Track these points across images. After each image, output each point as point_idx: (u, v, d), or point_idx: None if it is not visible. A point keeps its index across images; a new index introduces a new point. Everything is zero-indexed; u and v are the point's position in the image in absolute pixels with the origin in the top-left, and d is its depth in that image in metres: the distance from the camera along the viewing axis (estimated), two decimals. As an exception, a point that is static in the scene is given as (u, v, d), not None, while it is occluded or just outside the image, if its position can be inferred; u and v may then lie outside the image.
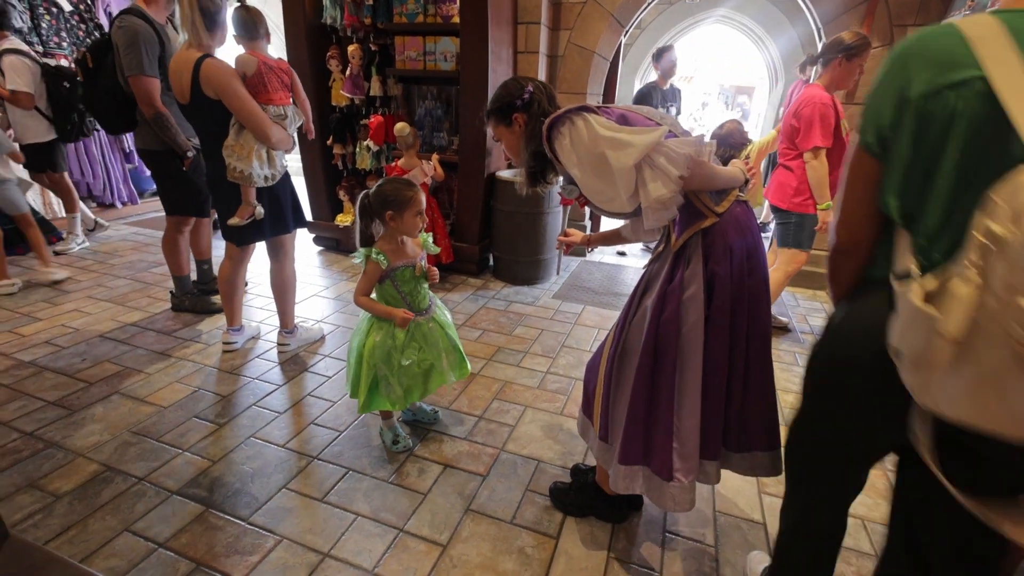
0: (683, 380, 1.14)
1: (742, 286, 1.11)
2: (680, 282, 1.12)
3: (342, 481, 1.58)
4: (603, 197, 1.11)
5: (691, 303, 1.10)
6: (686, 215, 1.13)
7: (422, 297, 1.64)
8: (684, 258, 1.13)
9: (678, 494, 1.16)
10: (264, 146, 1.99)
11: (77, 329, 2.46)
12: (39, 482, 1.51)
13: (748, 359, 1.16)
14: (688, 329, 1.11)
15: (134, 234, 4.06)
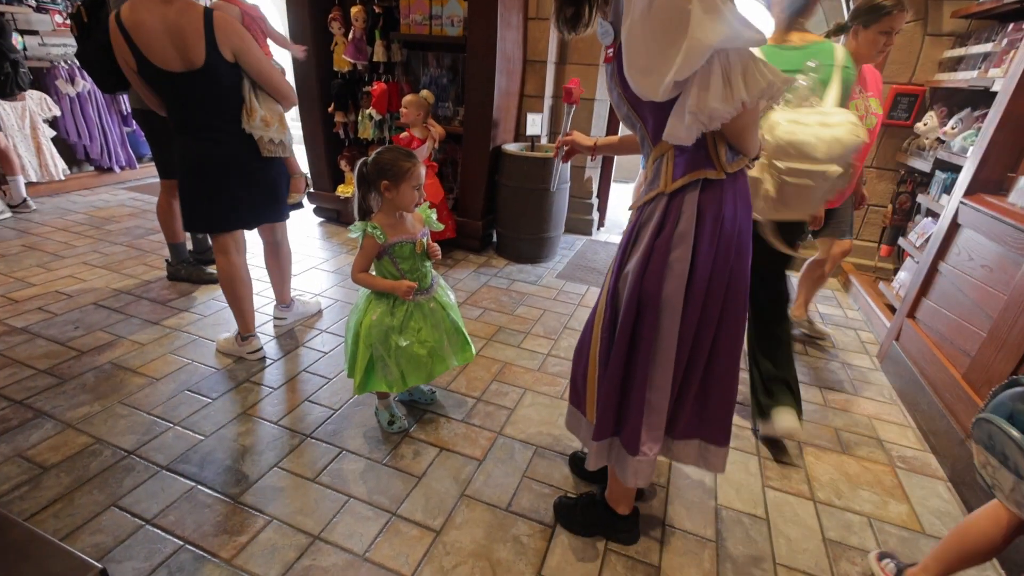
0: (658, 345, 1.04)
1: (724, 265, 0.99)
2: (669, 239, 0.98)
3: (335, 461, 1.55)
4: (644, 63, 0.86)
5: (676, 265, 0.98)
6: (692, 154, 0.95)
7: (423, 275, 1.56)
8: (677, 207, 0.97)
9: (641, 468, 1.12)
10: (286, 108, 1.83)
11: (71, 296, 2.42)
12: (27, 453, 1.49)
13: (715, 347, 1.07)
14: (669, 292, 1.00)
15: (132, 199, 3.98)
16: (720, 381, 1.11)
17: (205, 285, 2.61)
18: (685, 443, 1.19)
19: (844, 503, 1.53)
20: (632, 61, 0.88)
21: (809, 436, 1.82)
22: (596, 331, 1.12)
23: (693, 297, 1.00)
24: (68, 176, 4.02)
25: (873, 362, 2.35)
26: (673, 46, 0.80)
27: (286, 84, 1.79)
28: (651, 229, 1.00)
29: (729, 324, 1.05)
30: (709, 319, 1.03)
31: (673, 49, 0.80)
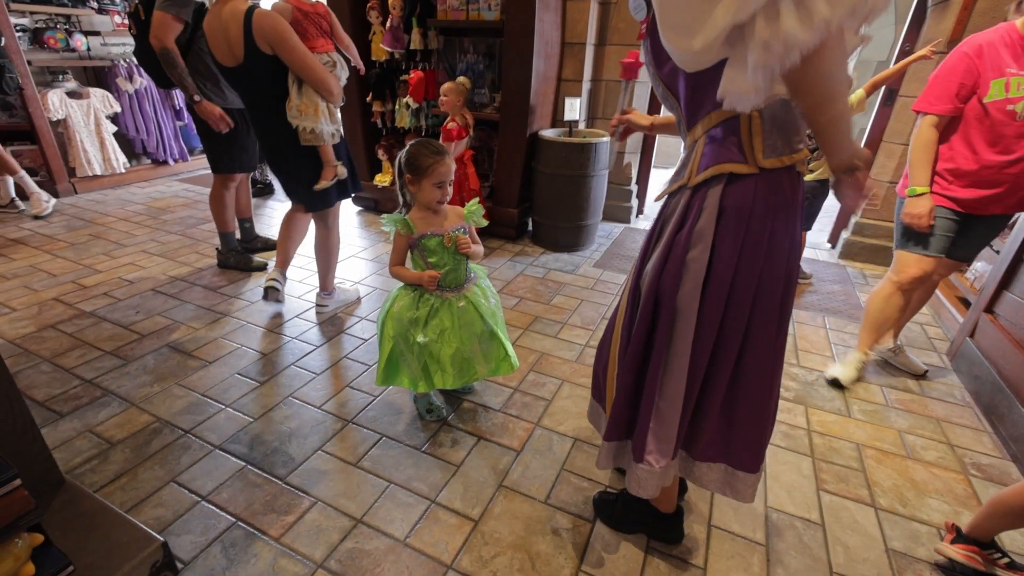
0: (672, 350, 0.96)
1: (751, 270, 0.88)
2: (687, 235, 0.90)
3: (376, 447, 1.58)
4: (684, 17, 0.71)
5: (692, 265, 0.90)
6: (722, 144, 0.86)
7: (453, 270, 1.52)
8: (699, 202, 0.89)
9: (644, 478, 1.04)
10: (326, 101, 1.88)
11: (132, 282, 2.57)
12: (96, 428, 1.60)
13: (742, 361, 0.96)
14: (684, 294, 0.92)
15: (185, 190, 4.18)
16: (748, 399, 0.99)
17: (253, 273, 2.71)
18: (708, 467, 1.08)
19: (910, 511, 1.43)
20: (666, 18, 0.74)
21: (869, 438, 1.71)
22: (617, 328, 1.08)
23: (711, 302, 0.91)
24: (128, 169, 4.26)
25: (943, 360, 2.18)
26: None
27: (328, 79, 1.82)
28: (673, 224, 0.93)
29: (758, 336, 0.94)
30: (732, 328, 0.93)
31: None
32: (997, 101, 1.55)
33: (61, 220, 3.40)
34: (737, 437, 1.03)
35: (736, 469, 1.06)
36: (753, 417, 1.01)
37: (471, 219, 1.57)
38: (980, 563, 1.21)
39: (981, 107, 1.59)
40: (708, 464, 1.08)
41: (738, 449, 1.04)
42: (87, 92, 3.89)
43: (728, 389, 0.99)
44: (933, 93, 1.66)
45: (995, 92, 1.55)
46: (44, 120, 3.63)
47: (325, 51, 1.88)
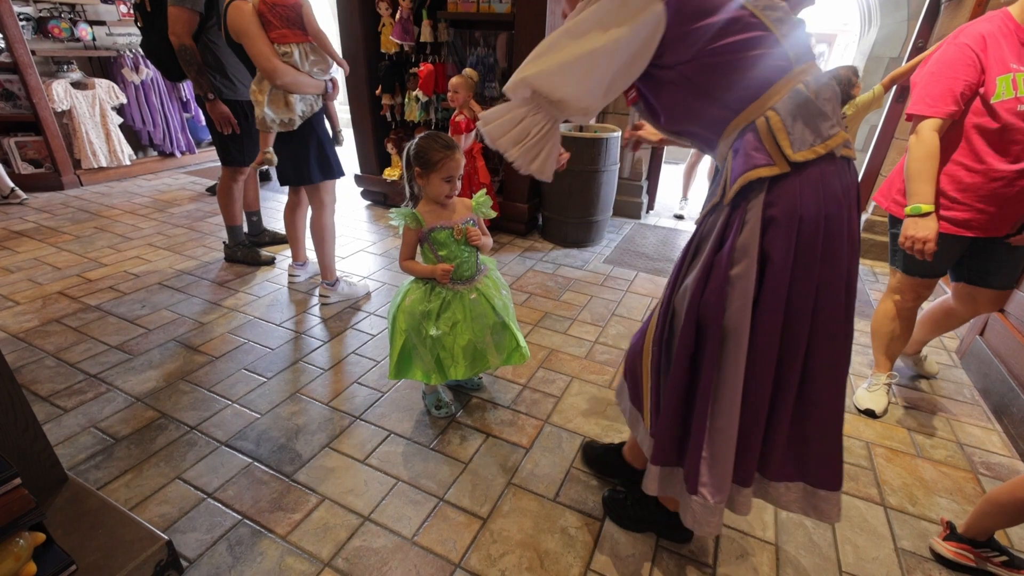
0: (721, 376, 0.90)
1: (808, 277, 0.82)
2: (730, 251, 0.84)
3: (384, 444, 1.55)
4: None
5: (738, 283, 0.84)
6: (744, 151, 0.82)
7: (463, 263, 1.49)
8: (739, 217, 0.84)
9: (700, 513, 0.97)
10: (278, 89, 1.92)
11: (138, 276, 2.55)
12: (101, 424, 1.58)
13: (807, 373, 0.90)
14: (732, 314, 0.85)
15: (192, 183, 4.16)
16: (819, 413, 0.93)
17: (259, 267, 2.69)
18: (786, 487, 1.01)
19: (919, 510, 1.40)
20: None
21: (879, 436, 1.67)
22: (648, 341, 1.04)
23: (766, 319, 0.85)
24: (134, 161, 4.25)
25: (952, 358, 2.14)
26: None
27: (266, 63, 1.87)
28: (711, 243, 0.88)
29: (823, 346, 0.88)
30: (794, 343, 0.87)
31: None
32: (1006, 101, 1.33)
33: (66, 213, 3.39)
34: (812, 453, 0.97)
35: (816, 487, 0.99)
36: (826, 431, 0.94)
37: (479, 211, 1.53)
38: (972, 560, 1.21)
39: (987, 109, 1.36)
40: (785, 484, 1.01)
41: (814, 466, 0.97)
42: (92, 83, 3.87)
43: (796, 404, 0.93)
44: (932, 93, 1.40)
45: (1003, 90, 1.34)
46: (48, 111, 3.61)
47: (286, 42, 1.90)
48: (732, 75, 0.81)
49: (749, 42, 0.79)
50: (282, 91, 1.93)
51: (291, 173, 2.11)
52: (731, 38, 0.79)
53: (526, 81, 0.84)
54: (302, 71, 1.95)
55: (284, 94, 1.94)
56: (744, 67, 0.80)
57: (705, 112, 0.86)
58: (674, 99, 0.88)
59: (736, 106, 0.83)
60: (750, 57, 0.79)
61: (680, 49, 0.81)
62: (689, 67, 0.82)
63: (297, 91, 1.96)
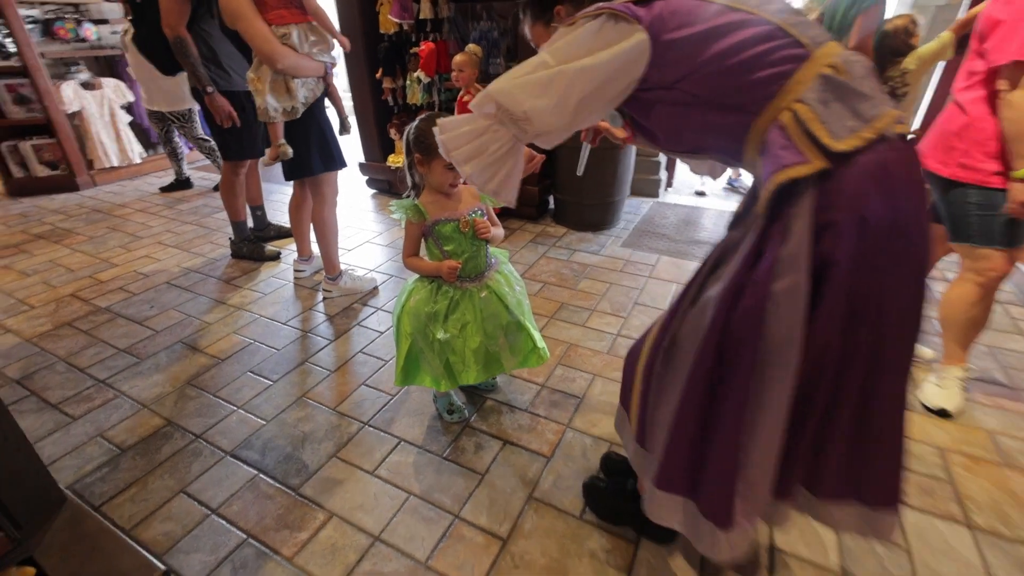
0: (760, 407, 0.78)
1: (876, 283, 0.70)
2: (771, 266, 0.72)
3: (394, 453, 1.48)
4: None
5: (785, 300, 0.71)
6: (772, 154, 0.72)
7: (471, 258, 1.37)
8: (780, 226, 0.72)
9: (735, 540, 0.87)
10: (279, 74, 1.79)
11: (147, 275, 2.52)
12: (108, 433, 1.54)
13: (869, 394, 0.77)
14: (776, 333, 0.73)
15: (200, 179, 4.12)
16: (881, 430, 0.81)
17: (266, 263, 2.63)
18: (838, 507, 0.89)
19: (1015, 533, 1.22)
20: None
21: (955, 441, 1.49)
22: (647, 346, 0.95)
23: (822, 335, 0.72)
24: (144, 159, 4.23)
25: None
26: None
27: (265, 46, 1.74)
28: (742, 256, 0.76)
29: (889, 356, 0.75)
30: (855, 357, 0.74)
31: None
32: None
33: (80, 214, 3.39)
34: (870, 472, 0.84)
35: (873, 508, 0.87)
36: (888, 448, 0.82)
37: (488, 199, 1.40)
38: None
39: None
40: (837, 504, 0.89)
41: (872, 485, 0.86)
42: (99, 83, 3.83)
43: (856, 421, 0.80)
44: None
45: None
46: (60, 113, 3.59)
47: (284, 23, 1.77)
48: (741, 79, 0.74)
49: (750, 40, 0.73)
50: (283, 77, 1.81)
51: (292, 165, 2.01)
52: (728, 41, 0.74)
53: (490, 95, 0.82)
54: (302, 53, 1.83)
55: (285, 80, 1.83)
56: (752, 67, 0.73)
57: (721, 123, 0.79)
58: (678, 118, 0.82)
59: (754, 108, 0.75)
60: (756, 54, 0.72)
61: (675, 68, 0.77)
62: (691, 82, 0.77)
63: (299, 75, 1.84)
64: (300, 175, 2.06)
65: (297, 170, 2.03)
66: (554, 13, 0.99)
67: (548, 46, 0.81)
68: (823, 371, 0.74)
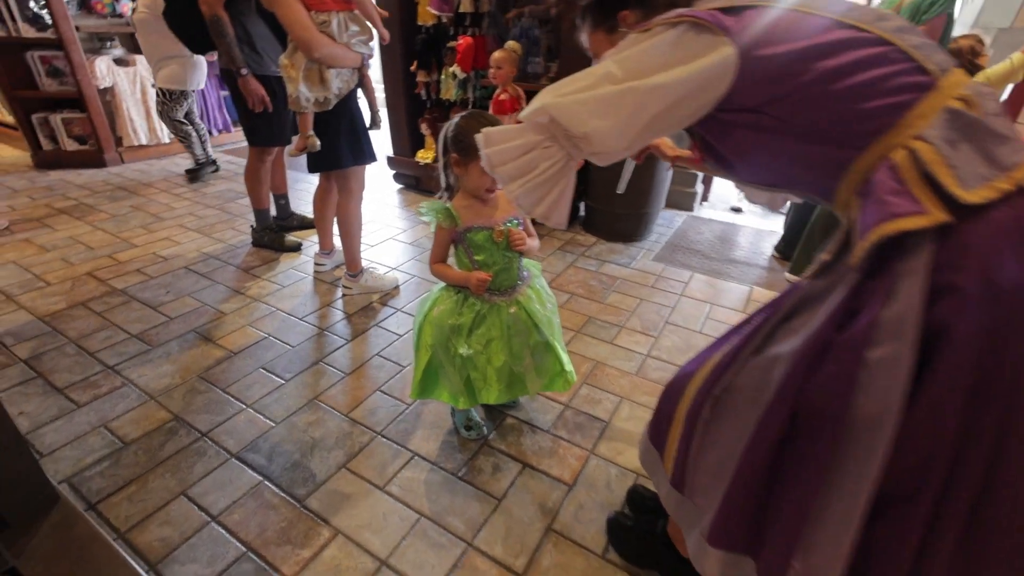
0: (838, 479, 0.66)
1: (1010, 359, 0.57)
2: (868, 329, 0.60)
3: (407, 468, 1.38)
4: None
5: (882, 372, 0.59)
6: (875, 198, 0.61)
7: (503, 270, 1.28)
8: (883, 284, 0.61)
9: None
10: (313, 62, 1.71)
11: (166, 259, 2.47)
12: (111, 424, 1.47)
13: (989, 491, 0.62)
14: (866, 405, 0.61)
15: (226, 163, 4.09)
16: (1003, 527, 0.64)
17: (286, 253, 2.56)
18: None
19: None
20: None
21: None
22: (692, 387, 0.85)
23: (928, 414, 0.60)
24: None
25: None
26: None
27: (303, 33, 1.64)
28: (827, 313, 0.64)
29: (1015, 446, 0.60)
30: (976, 445, 0.60)
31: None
32: None
33: (105, 190, 3.38)
34: (987, 562, 0.68)
35: None
36: (1010, 549, 0.65)
37: None
38: None
39: None
40: None
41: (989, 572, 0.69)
42: (133, 59, 3.83)
43: (968, 521, 0.65)
44: None
45: None
46: (92, 88, 3.59)
47: (325, 9, 1.69)
48: (847, 107, 0.64)
49: (863, 61, 0.62)
50: (317, 65, 1.73)
51: (319, 156, 1.94)
52: (835, 61, 0.63)
53: (545, 108, 0.73)
54: (340, 43, 1.75)
55: (320, 69, 1.74)
56: (864, 94, 0.62)
57: (814, 156, 0.68)
58: (761, 146, 0.72)
59: (859, 143, 0.64)
60: (869, 79, 0.62)
61: (766, 89, 0.67)
62: (784, 107, 0.67)
63: (335, 65, 1.76)
64: (327, 168, 1.98)
65: (325, 163, 1.95)
66: (618, 19, 0.88)
67: (615, 55, 0.73)
68: (930, 463, 0.61)
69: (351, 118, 1.91)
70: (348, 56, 1.78)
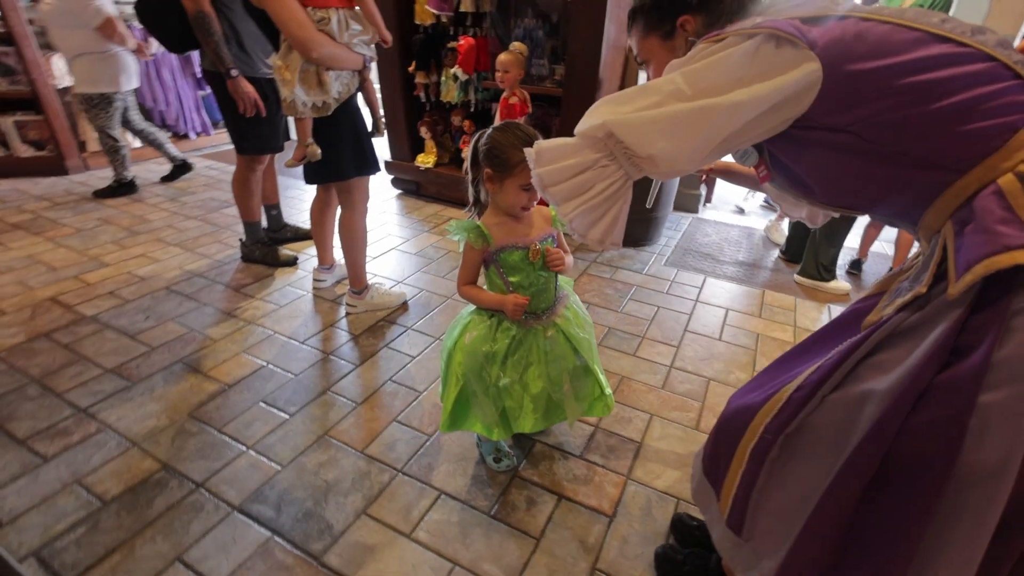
0: (949, 537, 0.60)
1: None
2: (979, 370, 0.55)
3: (434, 509, 1.23)
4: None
5: (1000, 419, 0.54)
6: (983, 226, 0.56)
7: (540, 293, 1.17)
8: (994, 321, 0.56)
9: None
10: (310, 64, 1.55)
11: (143, 278, 2.25)
12: (87, 479, 1.28)
13: None
14: (982, 466, 0.56)
15: (207, 168, 3.85)
16: None
17: (280, 268, 2.37)
18: None
19: None
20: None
21: None
22: (758, 423, 0.78)
23: None
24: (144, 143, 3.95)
25: None
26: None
27: (299, 31, 1.48)
28: (926, 352, 0.58)
29: None
30: None
31: None
32: None
33: (68, 201, 3.10)
34: None
35: None
36: None
37: (561, 223, 1.19)
38: None
39: None
40: None
41: None
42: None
43: None
44: None
45: None
46: (49, 87, 3.31)
47: (323, 6, 1.53)
48: (947, 129, 0.59)
49: (964, 79, 0.58)
50: (315, 67, 1.57)
51: (319, 167, 1.77)
52: (933, 77, 0.58)
53: (608, 126, 0.69)
54: (340, 43, 1.58)
55: (318, 71, 1.58)
56: (966, 115, 0.58)
57: (905, 178, 0.63)
58: (843, 167, 0.67)
59: (960, 165, 0.59)
60: (972, 99, 0.57)
61: (854, 107, 0.62)
62: (872, 127, 0.62)
63: (334, 66, 1.60)
64: (329, 179, 1.82)
65: (327, 174, 1.79)
66: (677, 25, 0.81)
67: (682, 67, 0.68)
68: None
69: (353, 125, 1.75)
70: (349, 57, 1.62)
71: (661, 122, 0.66)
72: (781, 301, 2.31)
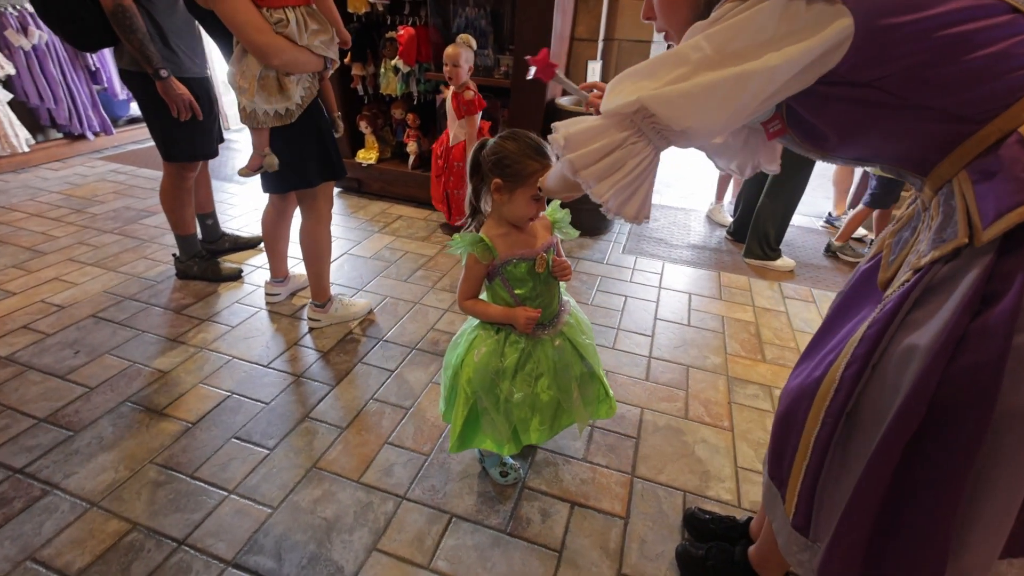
0: (989, 483, 0.64)
1: None
2: (1010, 314, 0.58)
3: (448, 535, 1.20)
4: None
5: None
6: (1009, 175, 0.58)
7: (547, 303, 1.15)
8: (1021, 265, 0.58)
9: None
10: (270, 69, 1.42)
11: (61, 306, 1.96)
12: (41, 554, 1.11)
13: None
14: (1019, 406, 0.60)
15: (113, 172, 3.41)
16: None
17: (224, 283, 2.16)
18: None
19: None
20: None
21: None
22: (816, 411, 0.78)
23: None
24: (33, 147, 3.42)
25: None
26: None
27: (257, 37, 1.36)
28: (960, 300, 0.60)
29: None
30: None
31: None
32: None
33: (-52, 220, 2.64)
34: None
35: None
36: None
37: (561, 229, 1.17)
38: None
39: None
40: None
41: None
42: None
43: None
44: None
45: None
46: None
47: (280, 5, 1.41)
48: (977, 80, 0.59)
49: (995, 30, 0.58)
50: (275, 72, 1.43)
51: (284, 176, 1.62)
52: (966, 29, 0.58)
53: (642, 102, 0.65)
54: (300, 45, 1.44)
55: (278, 76, 1.44)
56: (997, 66, 0.58)
57: (924, 131, 0.63)
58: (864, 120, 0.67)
59: (981, 116, 0.60)
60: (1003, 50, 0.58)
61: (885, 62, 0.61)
62: (900, 81, 0.61)
63: (296, 71, 1.47)
64: (293, 188, 1.67)
65: (290, 182, 1.64)
66: None
67: (706, 30, 0.64)
68: None
69: (318, 129, 1.61)
70: (311, 61, 1.49)
71: (695, 95, 0.63)
72: (736, 282, 2.46)
